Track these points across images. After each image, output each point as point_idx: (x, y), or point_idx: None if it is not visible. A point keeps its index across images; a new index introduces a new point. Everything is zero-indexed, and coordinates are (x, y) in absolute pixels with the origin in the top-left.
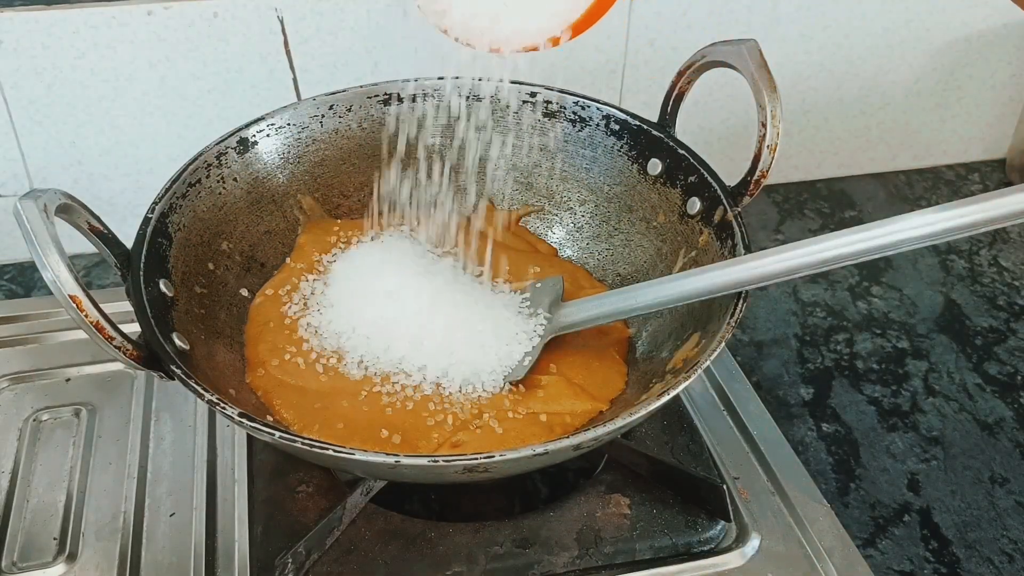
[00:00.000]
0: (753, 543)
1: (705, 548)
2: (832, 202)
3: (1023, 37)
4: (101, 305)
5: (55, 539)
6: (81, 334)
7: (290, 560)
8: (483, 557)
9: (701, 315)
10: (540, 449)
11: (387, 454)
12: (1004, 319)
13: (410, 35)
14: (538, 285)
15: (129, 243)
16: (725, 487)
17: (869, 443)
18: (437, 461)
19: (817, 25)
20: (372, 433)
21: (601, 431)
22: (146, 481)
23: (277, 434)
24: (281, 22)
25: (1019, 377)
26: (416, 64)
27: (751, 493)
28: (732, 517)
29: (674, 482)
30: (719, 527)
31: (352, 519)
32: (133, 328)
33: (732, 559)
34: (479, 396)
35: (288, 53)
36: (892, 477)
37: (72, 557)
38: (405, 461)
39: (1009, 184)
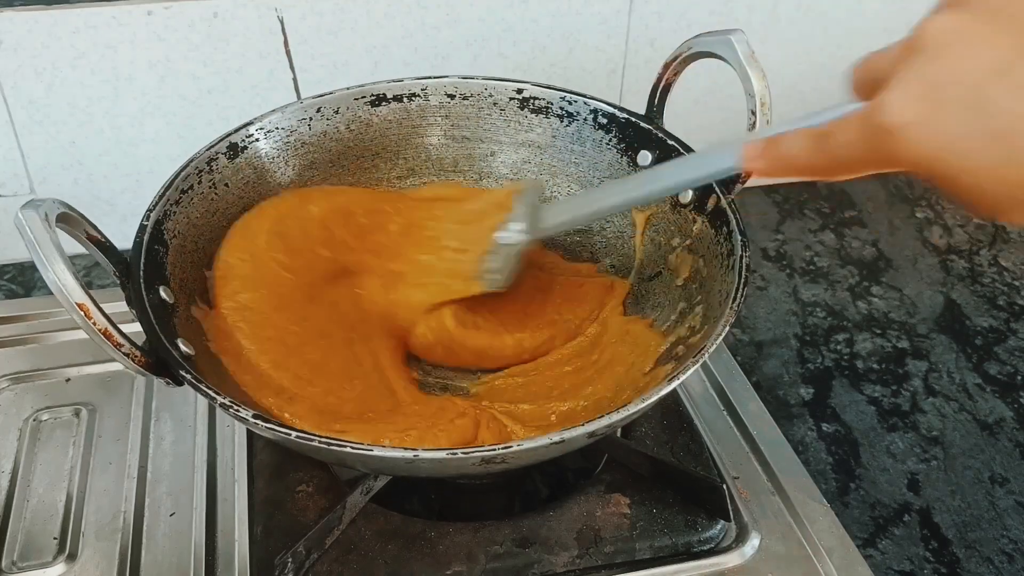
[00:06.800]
0: (753, 543)
1: (705, 548)
2: (832, 202)
3: None
4: (103, 306)
5: (55, 539)
6: (81, 334)
7: (290, 560)
8: (483, 557)
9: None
10: (556, 438)
11: (405, 449)
12: (1004, 319)
13: (410, 35)
14: (519, 197)
15: (130, 242)
16: (725, 487)
17: (869, 443)
18: (456, 454)
19: (817, 25)
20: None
21: (616, 417)
22: (146, 481)
23: (294, 434)
24: (281, 22)
25: (1019, 377)
26: (416, 64)
27: (751, 493)
28: (732, 517)
29: (674, 482)
30: (719, 527)
31: (352, 518)
32: (132, 328)
33: (732, 559)
34: None
35: (288, 53)
36: (892, 477)
37: (72, 557)
38: (423, 455)
39: None
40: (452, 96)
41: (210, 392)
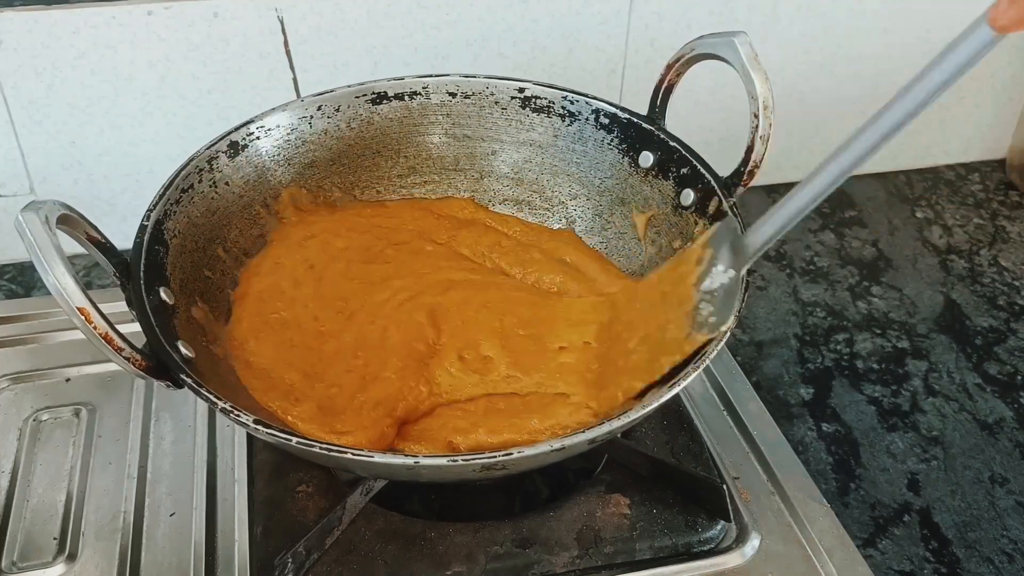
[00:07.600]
0: (753, 543)
1: (705, 548)
2: (832, 202)
3: (1023, 38)
4: (101, 306)
5: (55, 539)
6: (81, 334)
7: (290, 560)
8: (483, 557)
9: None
10: (557, 444)
11: (406, 455)
12: (1004, 319)
13: (410, 35)
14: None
15: (130, 242)
16: (725, 487)
17: (869, 443)
18: (456, 461)
19: (817, 25)
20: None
21: (616, 424)
22: (146, 481)
23: (295, 439)
24: (281, 22)
25: (1019, 377)
26: (416, 64)
27: (751, 493)
28: (732, 517)
29: (674, 482)
30: (719, 527)
31: (352, 519)
32: (131, 328)
33: (732, 559)
34: None
35: (288, 53)
36: (892, 477)
37: (72, 557)
38: (424, 462)
39: (1010, 185)
40: (454, 94)
41: (210, 396)
